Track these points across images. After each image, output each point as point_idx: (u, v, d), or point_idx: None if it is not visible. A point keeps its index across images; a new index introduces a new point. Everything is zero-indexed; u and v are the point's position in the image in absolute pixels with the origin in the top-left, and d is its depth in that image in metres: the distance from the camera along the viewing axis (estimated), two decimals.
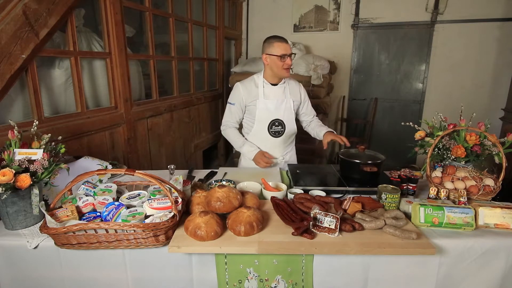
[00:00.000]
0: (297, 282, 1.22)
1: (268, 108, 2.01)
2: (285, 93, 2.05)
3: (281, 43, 1.87)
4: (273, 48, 1.88)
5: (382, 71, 4.36)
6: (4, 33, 1.56)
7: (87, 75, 2.28)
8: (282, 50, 1.85)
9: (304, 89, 2.16)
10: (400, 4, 4.04)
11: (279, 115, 2.03)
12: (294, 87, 2.10)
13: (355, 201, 1.39)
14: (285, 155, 2.16)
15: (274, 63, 1.90)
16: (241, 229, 1.18)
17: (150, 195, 1.36)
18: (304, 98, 2.14)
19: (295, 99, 2.08)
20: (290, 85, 2.09)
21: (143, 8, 2.66)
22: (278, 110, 2.03)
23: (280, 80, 2.03)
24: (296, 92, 2.10)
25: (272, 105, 2.01)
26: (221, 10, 3.86)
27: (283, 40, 1.90)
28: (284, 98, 2.04)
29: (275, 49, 1.87)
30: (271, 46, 1.89)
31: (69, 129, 1.99)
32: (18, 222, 1.27)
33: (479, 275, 1.24)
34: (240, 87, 2.03)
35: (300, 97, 2.12)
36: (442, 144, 1.60)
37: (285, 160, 2.16)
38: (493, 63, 3.94)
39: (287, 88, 2.06)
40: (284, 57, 1.86)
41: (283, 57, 1.86)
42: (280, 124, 2.04)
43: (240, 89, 2.02)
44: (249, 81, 2.06)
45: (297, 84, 2.15)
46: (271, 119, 2.02)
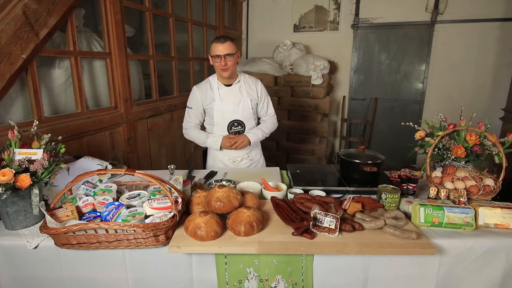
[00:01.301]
0: (297, 282, 1.22)
1: (225, 110, 2.00)
2: (242, 92, 2.03)
3: (217, 44, 1.86)
4: (211, 48, 1.90)
5: (382, 71, 4.36)
6: (4, 33, 1.56)
7: (87, 75, 2.28)
8: (216, 51, 1.86)
9: (262, 86, 2.12)
10: (400, 4, 4.04)
11: (238, 116, 2.03)
12: (250, 85, 2.07)
13: (355, 201, 1.39)
14: (249, 153, 2.15)
15: (213, 63, 1.93)
16: (241, 229, 1.18)
17: (150, 195, 1.36)
18: (261, 96, 2.10)
19: (252, 97, 2.05)
20: (246, 83, 2.06)
21: (143, 8, 2.66)
22: (236, 110, 2.01)
23: (232, 79, 2.01)
24: (252, 90, 2.07)
25: (229, 107, 2.00)
26: (221, 10, 3.86)
27: (221, 40, 1.86)
28: (241, 98, 2.02)
29: (212, 49, 1.89)
30: (211, 47, 1.91)
31: (69, 129, 1.99)
32: (18, 222, 1.27)
33: (479, 275, 1.24)
34: (196, 90, 2.04)
35: (257, 94, 2.08)
36: (442, 144, 1.60)
37: (250, 158, 2.15)
38: (493, 63, 3.94)
39: (242, 86, 2.04)
40: (217, 57, 1.86)
41: (217, 58, 1.86)
42: (239, 124, 2.04)
43: (196, 93, 2.03)
44: (205, 84, 2.06)
45: (255, 81, 2.11)
46: (230, 120, 2.02)
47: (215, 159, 2.17)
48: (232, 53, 1.86)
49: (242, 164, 2.14)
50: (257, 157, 2.22)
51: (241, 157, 2.13)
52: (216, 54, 1.86)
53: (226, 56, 1.85)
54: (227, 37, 1.89)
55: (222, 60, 1.86)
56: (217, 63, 1.89)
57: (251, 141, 2.03)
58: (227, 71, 1.90)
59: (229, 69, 1.90)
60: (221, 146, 2.03)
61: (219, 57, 1.86)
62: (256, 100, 2.09)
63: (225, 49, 1.84)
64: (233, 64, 1.90)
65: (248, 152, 2.15)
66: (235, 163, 2.13)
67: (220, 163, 2.15)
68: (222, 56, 1.85)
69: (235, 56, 1.89)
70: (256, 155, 2.21)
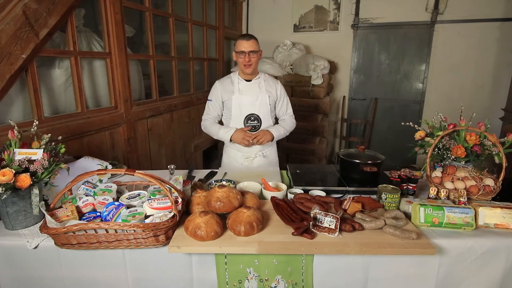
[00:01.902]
0: (297, 282, 1.23)
1: (243, 103, 2.08)
2: (260, 88, 2.10)
3: (242, 41, 1.97)
4: (236, 45, 2.00)
5: (382, 71, 4.36)
6: (4, 33, 1.56)
7: (87, 75, 2.28)
8: (241, 47, 1.96)
9: (282, 87, 2.20)
10: (400, 4, 4.04)
11: (255, 110, 2.09)
12: (270, 83, 2.15)
13: (355, 201, 1.39)
14: (264, 151, 2.17)
15: (237, 59, 2.02)
16: (241, 229, 1.18)
17: (150, 195, 1.36)
18: (281, 95, 2.18)
19: (271, 94, 2.12)
20: (266, 81, 2.14)
21: (143, 8, 2.66)
22: (253, 105, 2.08)
23: (253, 76, 2.10)
24: (271, 88, 2.14)
25: (247, 100, 2.08)
26: (221, 10, 3.86)
27: (246, 38, 1.97)
28: (260, 93, 2.09)
29: (237, 46, 1.99)
30: (236, 43, 2.01)
31: (69, 129, 1.99)
32: (18, 222, 1.27)
33: (479, 275, 1.24)
34: (217, 84, 2.14)
35: (276, 93, 2.15)
36: (442, 144, 1.60)
37: (264, 155, 2.17)
38: (493, 63, 3.94)
39: (262, 83, 2.11)
40: (241, 53, 1.95)
41: (241, 54, 1.96)
42: (256, 119, 2.09)
43: (217, 86, 2.13)
44: (226, 79, 2.16)
45: (275, 81, 2.19)
46: (247, 113, 2.08)
47: (229, 156, 2.21)
48: (256, 51, 1.97)
49: (256, 161, 2.16)
50: (272, 156, 2.24)
51: (255, 154, 2.15)
52: (241, 50, 1.95)
53: (250, 52, 1.95)
54: (251, 35, 2.00)
55: (246, 56, 1.95)
56: (241, 59, 1.98)
57: (274, 136, 2.07)
58: (250, 67, 1.99)
59: (252, 65, 1.99)
60: (232, 138, 2.05)
61: (244, 53, 1.95)
62: (274, 98, 2.15)
63: (250, 46, 1.94)
64: (256, 61, 2.00)
65: (262, 149, 2.16)
66: (249, 160, 2.15)
67: (235, 161, 2.18)
68: (246, 53, 1.94)
69: (258, 54, 1.99)
70: (271, 154, 2.23)
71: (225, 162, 2.25)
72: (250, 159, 2.15)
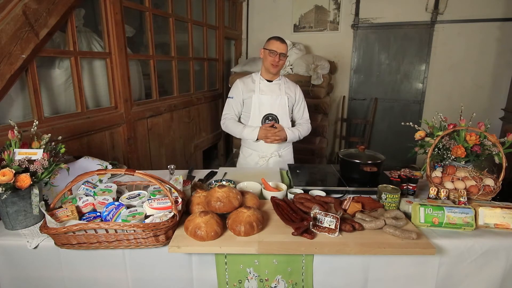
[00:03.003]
0: (297, 282, 1.22)
1: (262, 103, 2.12)
2: (281, 90, 2.15)
3: (276, 41, 2.03)
4: (268, 43, 2.06)
5: (382, 71, 4.36)
6: (4, 33, 1.56)
7: (87, 75, 2.28)
8: (273, 47, 2.01)
9: (301, 91, 2.24)
10: (400, 4, 4.04)
11: (273, 110, 2.13)
12: (290, 86, 2.20)
13: (355, 201, 1.39)
14: (279, 151, 2.20)
15: (265, 57, 2.06)
16: (241, 229, 1.18)
17: (150, 195, 1.36)
18: (299, 99, 2.22)
19: (290, 96, 2.16)
20: (287, 83, 2.20)
21: (143, 8, 2.66)
22: (272, 105, 2.13)
23: (275, 77, 2.16)
24: (291, 91, 2.18)
25: (266, 100, 2.12)
26: (221, 10, 3.86)
27: (280, 40, 2.04)
28: (279, 94, 2.14)
29: (269, 44, 2.05)
30: (268, 42, 2.07)
31: (69, 129, 1.99)
32: (18, 222, 1.27)
33: (479, 275, 1.24)
34: (239, 82, 2.19)
35: (295, 96, 2.19)
36: (442, 144, 1.60)
37: (280, 156, 2.20)
38: (493, 63, 3.94)
39: (282, 85, 2.17)
40: (273, 52, 2.01)
41: (272, 53, 2.01)
42: (274, 119, 2.13)
43: (239, 84, 2.18)
44: (248, 78, 2.21)
45: (295, 85, 2.24)
46: (265, 113, 2.12)
47: (245, 157, 2.26)
48: (286, 54, 2.04)
49: (272, 161, 2.19)
50: (288, 157, 2.27)
51: (271, 153, 2.18)
52: (273, 49, 2.01)
53: (280, 54, 2.01)
54: (284, 40, 2.07)
55: (276, 56, 2.01)
56: (271, 58, 2.02)
57: (288, 137, 2.10)
58: (276, 67, 2.05)
59: (279, 67, 2.06)
60: (258, 136, 2.09)
61: (275, 53, 2.00)
62: (293, 101, 2.19)
63: (282, 49, 2.01)
64: (283, 64, 2.07)
65: (278, 150, 2.19)
66: (264, 159, 2.18)
67: (251, 161, 2.22)
68: (278, 53, 2.00)
69: (285, 58, 2.06)
70: (287, 154, 2.27)
71: (241, 162, 2.30)
72: (266, 158, 2.18)
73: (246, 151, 2.26)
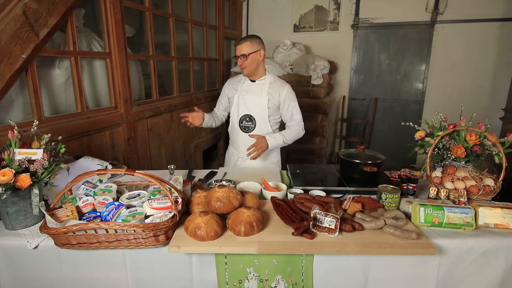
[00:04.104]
0: (297, 282, 1.22)
1: (241, 103, 2.10)
2: (263, 90, 2.05)
3: (236, 45, 2.01)
4: None
5: (382, 71, 4.36)
6: (4, 33, 1.56)
7: (87, 75, 2.28)
8: (235, 52, 1.99)
9: (289, 91, 2.06)
10: (400, 4, 4.04)
11: (250, 111, 2.08)
12: (276, 86, 2.06)
13: (355, 201, 1.39)
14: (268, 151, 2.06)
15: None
16: (241, 229, 1.18)
17: (150, 195, 1.36)
18: (285, 100, 2.06)
19: (272, 97, 2.04)
20: (272, 84, 2.06)
21: (143, 8, 2.66)
22: (250, 105, 2.08)
23: (257, 77, 2.08)
24: (275, 92, 2.05)
25: (245, 100, 2.09)
26: (221, 10, 3.85)
27: (239, 42, 1.98)
28: (260, 95, 2.05)
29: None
30: None
31: (69, 129, 1.99)
32: (18, 222, 1.27)
33: (479, 275, 1.24)
34: (229, 80, 2.25)
35: (279, 97, 2.05)
36: (442, 144, 1.60)
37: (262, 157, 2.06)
38: (493, 63, 3.94)
39: (266, 85, 2.06)
40: (235, 58, 1.99)
41: (235, 58, 1.99)
42: (250, 120, 2.09)
43: (227, 82, 2.24)
44: (236, 77, 2.22)
45: (283, 85, 2.08)
46: (243, 113, 2.10)
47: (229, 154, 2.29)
48: (246, 54, 1.94)
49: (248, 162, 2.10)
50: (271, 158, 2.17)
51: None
52: (235, 54, 2.00)
53: (241, 56, 1.96)
54: (247, 37, 1.99)
55: (239, 60, 1.98)
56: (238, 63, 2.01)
57: (269, 144, 1.96)
58: (244, 69, 2.01)
59: (246, 68, 1.99)
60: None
61: (237, 58, 1.98)
62: (276, 102, 2.05)
63: (241, 50, 1.95)
64: (250, 63, 1.97)
65: None
66: (242, 160, 2.16)
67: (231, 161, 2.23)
68: (239, 57, 1.97)
69: (252, 56, 1.95)
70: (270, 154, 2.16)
71: (226, 160, 2.32)
72: (243, 159, 2.15)
73: (230, 149, 2.29)
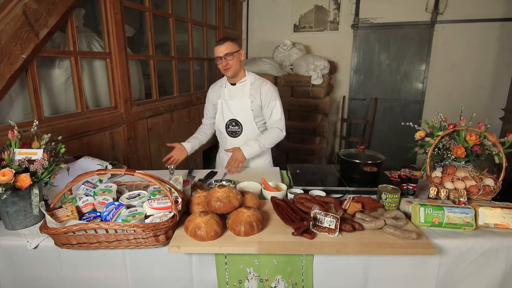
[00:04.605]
0: (297, 282, 1.22)
1: (225, 108, 2.05)
2: (244, 93, 2.00)
3: (216, 47, 1.91)
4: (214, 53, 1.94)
5: (382, 71, 4.36)
6: (4, 33, 1.56)
7: (87, 75, 2.28)
8: (216, 54, 1.90)
9: (269, 89, 1.98)
10: (400, 4, 4.04)
11: (235, 115, 2.04)
12: (256, 87, 1.99)
13: (355, 201, 1.39)
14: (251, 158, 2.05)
15: (219, 67, 1.95)
16: (241, 229, 1.18)
17: (150, 195, 1.36)
18: (265, 99, 1.97)
19: (254, 99, 1.97)
20: (252, 84, 2.00)
21: (143, 8, 2.66)
22: (234, 110, 2.03)
23: (238, 79, 2.01)
24: (256, 92, 1.98)
25: (229, 105, 2.03)
26: (221, 10, 3.85)
27: (220, 43, 1.90)
28: (242, 98, 2.00)
29: (214, 54, 1.93)
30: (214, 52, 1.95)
31: (69, 129, 1.99)
32: (18, 222, 1.27)
33: (479, 275, 1.24)
34: (211, 87, 2.17)
35: (260, 97, 1.97)
36: (442, 144, 1.60)
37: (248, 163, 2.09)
38: (493, 63, 3.94)
39: (247, 87, 2.00)
40: (217, 59, 1.91)
41: (218, 60, 1.90)
42: (237, 124, 2.05)
43: (210, 90, 2.17)
44: (218, 82, 2.16)
45: (262, 83, 2.00)
46: (228, 118, 2.06)
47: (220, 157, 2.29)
48: (231, 52, 1.87)
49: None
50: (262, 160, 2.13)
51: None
52: (216, 56, 1.89)
53: (226, 56, 1.87)
54: (226, 38, 1.92)
55: (223, 61, 1.88)
56: (220, 65, 1.91)
57: (246, 154, 1.93)
58: (229, 70, 1.91)
59: (231, 68, 1.90)
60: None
61: (220, 59, 1.88)
62: (258, 103, 1.99)
63: (224, 50, 1.87)
64: (235, 62, 1.90)
65: None
66: None
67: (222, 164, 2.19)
68: (222, 57, 1.87)
69: (235, 55, 1.89)
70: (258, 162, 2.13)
71: (218, 164, 2.32)
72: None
73: (220, 153, 2.29)
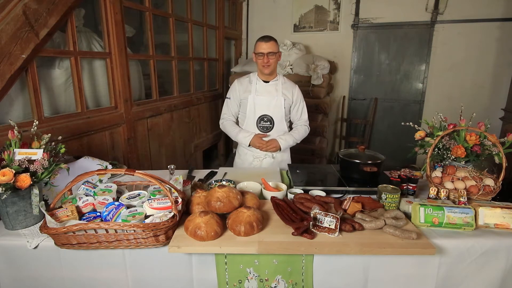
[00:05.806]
0: (297, 282, 1.22)
1: (257, 104, 2.11)
2: (277, 91, 2.12)
3: (260, 42, 2.02)
4: (255, 46, 2.06)
5: (382, 71, 4.36)
6: (4, 33, 1.56)
7: (87, 75, 2.28)
8: (259, 49, 2.01)
9: (299, 92, 2.20)
10: (400, 4, 4.04)
11: (268, 111, 2.11)
12: (288, 87, 2.16)
13: (355, 201, 1.39)
14: (273, 153, 2.19)
15: (256, 60, 2.07)
16: (241, 229, 1.18)
17: (150, 195, 1.36)
18: (297, 100, 2.18)
19: (287, 97, 2.13)
20: (285, 84, 2.16)
21: (143, 8, 2.66)
22: (267, 106, 2.11)
23: (271, 77, 2.13)
24: (288, 91, 2.14)
25: (262, 101, 2.11)
26: (221, 10, 3.85)
27: (265, 40, 2.01)
28: (276, 95, 2.11)
29: (256, 47, 2.05)
30: (255, 45, 2.06)
31: (69, 129, 1.99)
32: (18, 222, 1.27)
33: (479, 275, 1.24)
34: (236, 83, 2.20)
35: (293, 97, 2.16)
36: (442, 144, 1.60)
37: (273, 156, 2.19)
38: (493, 63, 3.94)
39: (280, 86, 2.13)
40: (259, 54, 2.01)
41: (259, 55, 2.01)
42: (268, 120, 2.12)
43: (236, 85, 2.18)
44: (245, 78, 2.21)
45: (293, 85, 2.19)
46: (260, 114, 2.12)
47: (241, 156, 2.28)
48: (274, 52, 2.00)
49: (265, 162, 2.19)
50: (283, 157, 2.25)
51: (264, 155, 2.18)
52: (260, 51, 2.00)
53: (268, 54, 1.98)
54: (271, 37, 2.03)
55: (264, 58, 1.99)
56: (260, 60, 2.02)
57: (282, 147, 2.10)
58: (268, 67, 2.03)
59: (270, 66, 2.03)
60: (250, 143, 2.11)
61: (262, 55, 1.99)
62: (290, 102, 2.15)
63: (268, 48, 1.98)
64: (275, 62, 2.04)
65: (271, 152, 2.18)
66: (258, 160, 2.18)
67: (246, 161, 2.23)
68: (265, 54, 1.98)
69: (276, 55, 2.03)
70: (282, 155, 2.24)
71: (237, 161, 2.32)
72: (260, 159, 2.18)
73: (241, 151, 2.28)
